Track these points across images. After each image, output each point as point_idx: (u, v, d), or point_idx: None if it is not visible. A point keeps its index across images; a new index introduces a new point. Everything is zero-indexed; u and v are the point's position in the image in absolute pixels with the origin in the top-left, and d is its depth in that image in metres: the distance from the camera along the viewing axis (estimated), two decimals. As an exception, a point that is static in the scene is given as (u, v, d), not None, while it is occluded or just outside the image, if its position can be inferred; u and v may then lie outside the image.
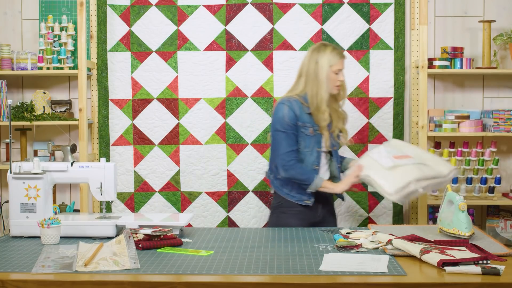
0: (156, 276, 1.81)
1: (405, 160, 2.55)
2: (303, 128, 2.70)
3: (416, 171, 2.49)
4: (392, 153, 2.60)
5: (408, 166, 2.51)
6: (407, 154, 2.61)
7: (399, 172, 2.50)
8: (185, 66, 3.66)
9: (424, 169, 2.51)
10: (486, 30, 3.53)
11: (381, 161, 2.56)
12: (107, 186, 2.44)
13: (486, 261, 1.85)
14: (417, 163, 2.54)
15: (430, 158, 2.63)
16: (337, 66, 2.74)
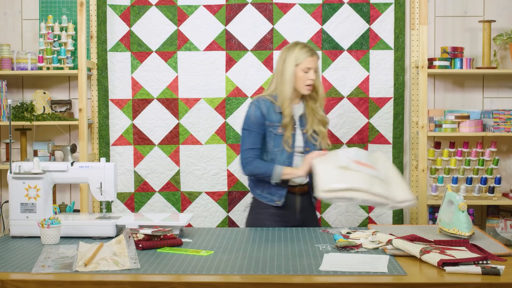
0: (156, 276, 1.81)
1: (363, 167, 2.41)
2: (271, 127, 2.70)
3: (365, 181, 2.33)
4: (360, 158, 2.47)
5: (360, 174, 2.36)
6: (375, 166, 2.45)
7: (345, 175, 2.38)
8: (185, 66, 3.66)
9: (377, 185, 2.34)
10: (486, 30, 3.53)
11: (339, 159, 2.45)
12: (107, 186, 2.44)
13: (486, 261, 1.85)
14: (374, 176, 2.37)
15: (396, 181, 2.43)
16: (305, 64, 2.70)
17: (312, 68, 2.71)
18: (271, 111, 2.71)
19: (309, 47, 2.75)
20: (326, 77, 3.63)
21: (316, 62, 2.74)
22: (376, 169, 2.43)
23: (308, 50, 2.72)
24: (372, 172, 2.39)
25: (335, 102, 3.64)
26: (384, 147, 3.65)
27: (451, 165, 3.50)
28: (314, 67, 2.72)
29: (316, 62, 2.74)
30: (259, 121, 2.70)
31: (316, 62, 2.74)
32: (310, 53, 2.71)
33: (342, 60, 3.63)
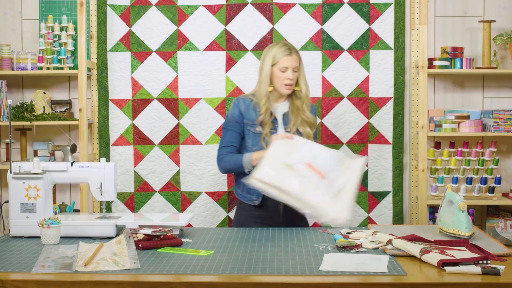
0: (156, 276, 1.81)
1: (310, 173, 2.34)
2: (249, 125, 2.71)
3: (299, 188, 2.29)
4: (316, 163, 2.39)
5: (300, 179, 2.32)
6: (329, 175, 2.37)
7: (285, 174, 2.34)
8: (185, 66, 3.66)
9: (311, 194, 2.29)
10: (486, 30, 3.53)
11: (293, 155, 2.39)
12: (107, 186, 2.44)
13: (486, 261, 1.85)
14: (316, 185, 2.31)
15: (344, 197, 2.36)
16: (282, 63, 2.67)
17: (290, 68, 2.67)
18: (250, 110, 2.72)
19: (288, 46, 2.71)
20: (326, 77, 3.63)
21: (295, 61, 2.69)
22: (326, 178, 2.35)
23: (286, 49, 2.68)
24: (316, 181, 2.33)
25: (335, 102, 3.64)
26: (384, 147, 3.65)
27: (451, 165, 3.50)
28: (292, 66, 2.68)
29: (294, 62, 2.69)
30: (237, 119, 2.72)
31: (295, 61, 2.69)
32: (287, 52, 2.68)
33: (342, 60, 3.63)
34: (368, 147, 3.65)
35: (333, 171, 2.40)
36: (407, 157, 3.69)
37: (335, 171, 2.41)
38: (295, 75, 2.70)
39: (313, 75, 3.63)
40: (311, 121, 2.75)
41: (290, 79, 2.68)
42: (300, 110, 2.73)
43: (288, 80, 2.68)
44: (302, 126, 2.72)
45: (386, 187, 3.66)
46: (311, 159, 2.40)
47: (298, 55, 2.72)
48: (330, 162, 2.44)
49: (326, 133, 3.64)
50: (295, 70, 2.69)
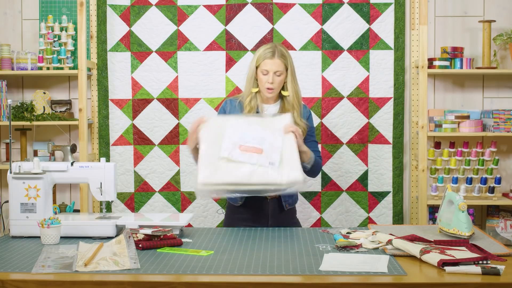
0: (156, 276, 1.81)
1: (246, 156, 2.34)
2: None
3: (243, 174, 2.30)
4: (247, 140, 2.38)
5: (240, 166, 2.32)
6: (264, 146, 2.37)
7: (225, 169, 2.33)
8: (185, 66, 3.66)
9: (257, 174, 2.31)
10: (486, 30, 3.53)
11: (223, 144, 2.38)
12: (107, 186, 2.44)
13: (486, 261, 1.85)
14: (257, 163, 2.32)
15: (288, 158, 2.36)
16: (263, 66, 2.61)
17: (270, 72, 2.60)
18: (236, 111, 2.70)
19: (273, 48, 2.63)
20: (326, 77, 3.63)
21: (278, 65, 2.60)
22: (264, 151, 2.35)
23: (269, 52, 2.61)
24: (255, 159, 2.34)
25: (335, 102, 3.64)
26: (384, 147, 3.65)
27: (451, 165, 3.50)
28: (273, 70, 2.60)
29: (276, 66, 2.60)
30: None
31: (278, 65, 2.60)
32: (269, 55, 2.61)
33: (342, 60, 3.63)
34: (368, 147, 3.65)
35: (265, 140, 2.40)
36: (407, 157, 3.69)
37: (267, 138, 2.41)
38: (278, 79, 2.62)
39: (313, 75, 3.63)
40: (301, 128, 2.66)
41: (269, 83, 2.61)
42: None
43: (267, 84, 2.62)
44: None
45: (386, 187, 3.67)
46: (241, 140, 2.39)
47: (283, 59, 2.62)
48: (258, 133, 2.42)
49: (326, 133, 3.64)
50: (277, 75, 2.61)
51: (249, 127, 2.45)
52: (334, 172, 3.67)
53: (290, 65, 2.67)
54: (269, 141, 2.40)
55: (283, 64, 2.63)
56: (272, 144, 2.40)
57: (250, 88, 2.69)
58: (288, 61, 2.66)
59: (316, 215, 3.68)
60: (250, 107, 2.68)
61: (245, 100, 2.70)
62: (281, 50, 2.65)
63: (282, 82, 2.66)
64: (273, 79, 2.61)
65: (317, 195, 3.67)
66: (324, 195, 3.67)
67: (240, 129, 2.44)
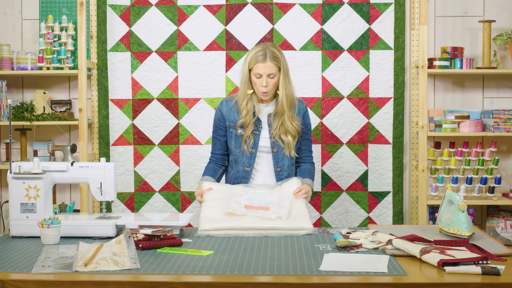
0: (156, 276, 1.81)
1: (252, 211, 2.39)
2: (231, 128, 2.71)
3: (250, 221, 2.34)
4: (253, 202, 2.44)
5: (246, 217, 2.37)
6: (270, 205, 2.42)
7: (227, 218, 2.38)
8: (185, 66, 3.66)
9: (264, 222, 2.34)
10: (486, 30, 3.53)
11: (229, 205, 2.42)
12: (107, 186, 2.44)
13: (486, 261, 1.85)
14: (263, 217, 2.36)
15: (297, 213, 2.41)
16: (255, 70, 2.60)
17: (263, 75, 2.60)
18: (233, 111, 2.71)
19: (264, 51, 2.61)
20: (326, 77, 3.63)
21: (270, 68, 2.59)
22: (270, 208, 2.39)
23: (261, 55, 2.60)
24: (261, 214, 2.38)
25: (335, 102, 3.64)
26: (384, 147, 3.65)
27: (451, 165, 3.50)
28: (266, 73, 2.59)
29: (269, 69, 2.59)
30: (218, 124, 2.75)
31: (270, 68, 2.59)
32: (261, 58, 2.59)
33: (342, 60, 3.63)
34: (368, 147, 3.65)
35: (273, 201, 2.45)
36: (407, 157, 3.69)
37: (274, 199, 2.46)
38: (271, 82, 2.62)
39: (313, 75, 3.63)
40: (293, 130, 2.68)
41: (263, 86, 2.61)
42: (283, 117, 2.67)
43: (261, 87, 2.62)
44: (284, 135, 2.68)
45: (386, 187, 3.67)
46: (247, 201, 2.44)
47: (275, 61, 2.61)
48: (265, 196, 2.47)
49: (326, 133, 3.64)
50: (271, 77, 2.61)
51: (255, 192, 2.50)
52: (334, 172, 3.67)
53: (283, 65, 2.65)
54: (277, 201, 2.45)
55: (275, 66, 2.61)
56: (280, 204, 2.44)
57: (245, 91, 2.68)
58: (281, 61, 2.64)
59: (316, 215, 3.68)
60: (247, 110, 2.67)
61: (241, 103, 2.69)
62: (272, 52, 2.62)
63: (276, 83, 2.66)
64: (267, 82, 2.61)
65: (317, 195, 3.67)
66: (324, 195, 3.67)
67: (246, 194, 2.48)
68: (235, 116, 2.71)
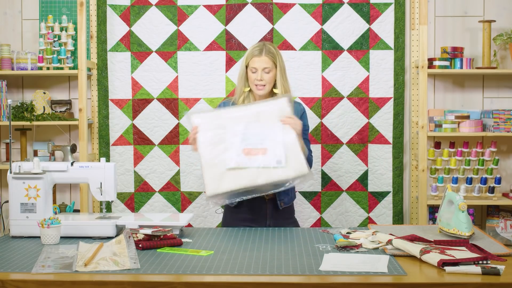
0: (156, 276, 1.81)
1: (251, 160, 2.40)
2: None
3: (252, 177, 2.38)
4: (250, 141, 2.43)
5: (248, 170, 2.39)
6: (267, 144, 2.42)
7: (232, 176, 2.39)
8: (185, 66, 3.66)
9: (262, 174, 2.38)
10: (486, 30, 3.53)
11: (227, 154, 2.42)
12: (107, 186, 2.44)
13: (486, 261, 1.85)
14: (261, 165, 2.39)
15: (290, 152, 2.42)
16: (252, 64, 2.64)
17: (259, 69, 2.64)
18: None
19: (261, 46, 2.66)
20: (326, 77, 3.63)
21: (266, 62, 2.63)
22: (268, 150, 2.40)
23: (257, 50, 2.65)
24: (261, 161, 2.40)
25: (335, 102, 3.64)
26: (384, 147, 3.65)
27: (451, 165, 3.50)
28: (261, 67, 2.63)
29: (264, 63, 2.63)
30: None
31: (266, 62, 2.63)
32: (257, 52, 2.64)
33: (342, 60, 3.63)
34: (368, 147, 3.65)
35: (266, 137, 2.45)
36: (407, 157, 3.69)
37: (268, 134, 2.46)
38: (266, 76, 2.64)
39: (313, 75, 3.63)
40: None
41: (258, 80, 2.64)
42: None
43: (256, 81, 2.64)
44: None
45: (386, 187, 3.66)
46: (243, 142, 2.44)
47: (271, 56, 2.65)
48: (257, 130, 2.47)
49: (326, 133, 3.64)
50: (266, 71, 2.64)
51: (247, 125, 2.48)
52: (334, 172, 3.67)
53: (279, 63, 2.68)
54: (270, 136, 2.45)
55: (271, 61, 2.65)
56: (274, 139, 2.45)
57: (241, 88, 2.72)
58: (277, 58, 2.67)
59: (316, 215, 3.68)
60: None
61: (238, 100, 2.71)
62: (269, 48, 2.68)
63: (272, 79, 2.67)
64: (262, 76, 2.64)
65: (317, 195, 3.67)
66: (324, 195, 3.67)
67: (239, 130, 2.47)
68: None
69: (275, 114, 2.51)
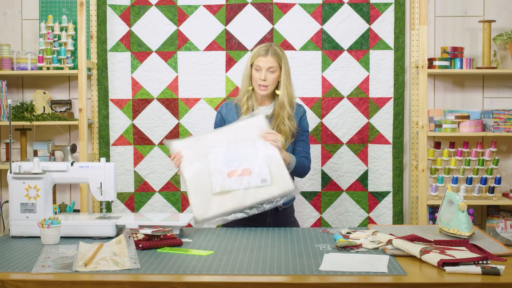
0: (156, 276, 1.81)
1: (236, 182, 2.39)
2: None
3: (237, 200, 2.37)
4: (231, 161, 2.42)
5: (234, 192, 2.38)
6: (250, 164, 2.41)
7: (220, 200, 2.39)
8: (185, 66, 3.66)
9: (249, 196, 2.37)
10: (486, 30, 3.53)
11: (212, 179, 2.41)
12: (107, 186, 2.44)
13: (486, 261, 1.85)
14: (248, 186, 2.38)
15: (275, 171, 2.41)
16: (257, 62, 2.65)
17: (263, 68, 2.64)
18: (232, 112, 2.72)
19: (267, 47, 2.67)
20: (326, 77, 3.63)
21: (270, 62, 2.64)
22: (252, 170, 2.39)
23: (263, 50, 2.66)
24: (246, 182, 2.39)
25: (335, 102, 3.64)
26: (384, 147, 3.65)
27: (451, 165, 3.50)
28: (266, 67, 2.64)
29: (269, 62, 2.63)
30: (219, 125, 2.74)
31: (270, 62, 2.64)
32: (263, 52, 2.65)
33: (342, 60, 3.63)
34: (368, 147, 3.65)
35: (248, 157, 2.44)
36: (407, 157, 3.69)
37: (249, 153, 2.44)
38: (270, 77, 2.64)
39: (313, 75, 3.63)
40: (288, 131, 2.67)
41: (261, 79, 2.64)
42: (279, 117, 2.67)
43: (260, 80, 2.65)
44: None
45: (386, 187, 3.67)
46: (226, 165, 2.43)
47: (276, 57, 2.65)
48: (239, 151, 2.45)
49: (326, 133, 3.64)
50: (271, 71, 2.64)
51: (228, 147, 2.47)
52: (334, 172, 3.67)
53: (285, 65, 2.68)
54: (253, 156, 2.43)
55: (276, 61, 2.66)
56: (257, 158, 2.43)
57: (246, 87, 2.72)
58: (283, 60, 2.68)
59: (316, 215, 3.68)
60: (247, 106, 2.70)
61: (241, 99, 2.72)
62: (275, 49, 2.68)
63: (275, 80, 2.67)
64: (266, 75, 2.64)
65: (317, 195, 3.67)
66: (324, 195, 3.67)
67: (221, 153, 2.45)
68: (234, 117, 2.72)
69: (254, 131, 2.49)
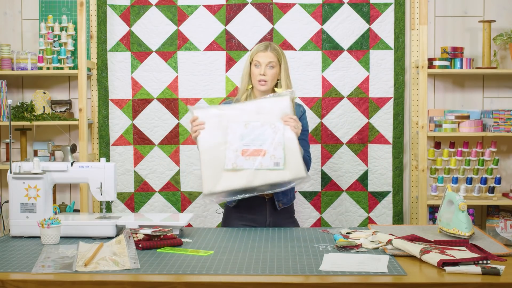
0: (156, 276, 1.81)
1: (249, 161, 2.41)
2: None
3: (248, 178, 2.40)
4: (248, 142, 2.43)
5: (245, 172, 2.40)
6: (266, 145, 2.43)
7: (229, 176, 2.41)
8: (185, 66, 3.66)
9: (259, 176, 2.40)
10: (486, 30, 3.53)
11: (226, 153, 2.42)
12: (107, 186, 2.44)
13: (486, 261, 1.85)
14: (258, 167, 2.40)
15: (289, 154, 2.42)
16: (256, 58, 2.67)
17: (262, 63, 2.65)
18: None
19: (266, 44, 2.70)
20: (326, 77, 3.63)
21: (270, 57, 2.65)
22: (267, 151, 2.41)
23: (262, 46, 2.68)
24: (258, 162, 2.41)
25: (335, 102, 3.64)
26: (384, 147, 3.65)
27: (451, 165, 3.50)
28: (265, 62, 2.65)
29: (268, 57, 2.65)
30: None
31: (270, 57, 2.65)
32: (262, 48, 2.67)
33: (342, 60, 3.63)
34: (368, 147, 3.65)
35: (266, 139, 2.45)
36: (407, 157, 3.69)
37: (268, 135, 2.45)
38: (270, 72, 2.65)
39: (313, 75, 3.63)
40: None
41: (261, 74, 2.65)
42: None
43: (259, 76, 2.65)
44: None
45: (386, 187, 3.67)
46: (241, 143, 2.44)
47: (275, 53, 2.68)
48: (257, 131, 2.47)
49: (326, 133, 3.64)
50: (271, 66, 2.66)
51: (247, 124, 2.48)
52: (334, 172, 3.67)
53: (284, 62, 2.71)
54: (270, 138, 2.45)
55: (275, 57, 2.68)
56: (274, 140, 2.45)
57: (245, 85, 2.73)
58: (282, 57, 2.70)
59: (316, 215, 3.68)
60: None
61: (241, 97, 2.72)
62: (274, 46, 2.72)
63: (275, 76, 2.68)
64: (265, 71, 2.65)
65: (317, 195, 3.67)
66: (324, 195, 3.67)
67: (239, 129, 2.47)
68: None
69: (276, 112, 2.50)
